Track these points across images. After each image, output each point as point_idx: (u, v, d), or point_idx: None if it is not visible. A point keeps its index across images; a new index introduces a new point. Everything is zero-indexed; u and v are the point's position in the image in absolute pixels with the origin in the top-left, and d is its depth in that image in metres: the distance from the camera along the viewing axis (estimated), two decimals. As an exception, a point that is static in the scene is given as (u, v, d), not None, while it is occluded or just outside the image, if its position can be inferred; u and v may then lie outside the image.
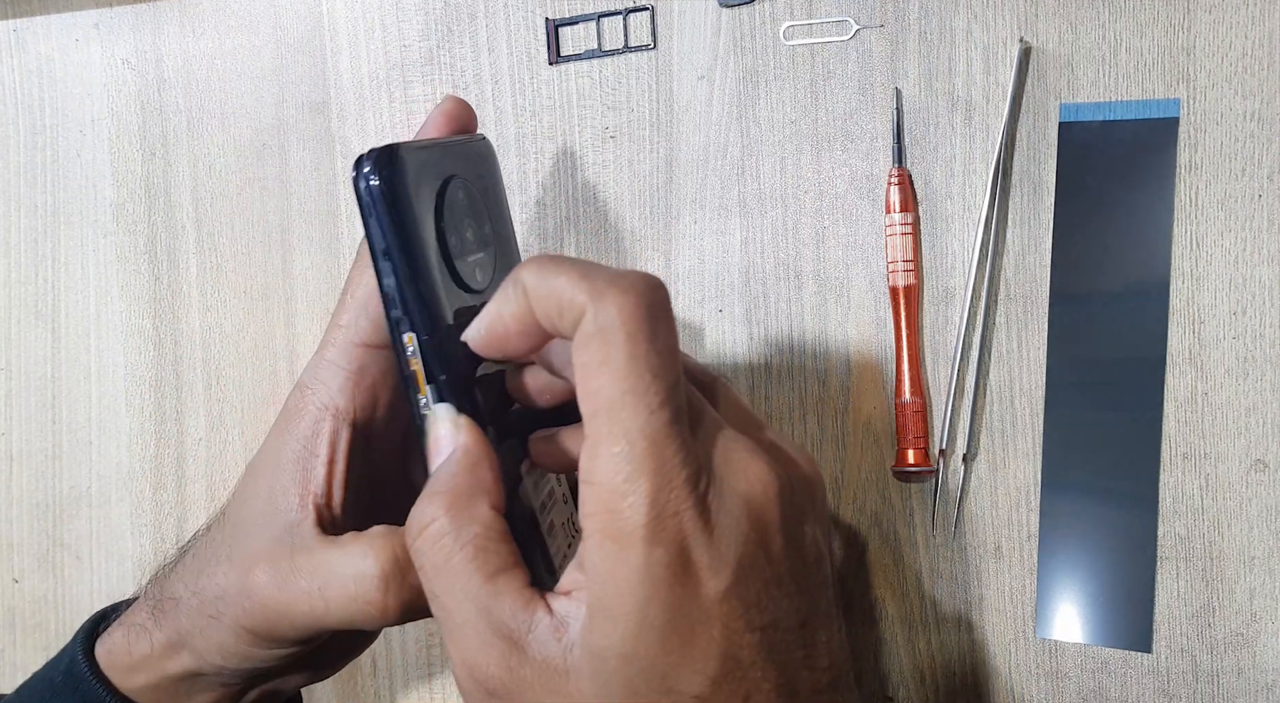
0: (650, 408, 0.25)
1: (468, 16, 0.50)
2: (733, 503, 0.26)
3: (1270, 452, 0.42)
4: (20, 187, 0.56)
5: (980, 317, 0.45)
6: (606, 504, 0.25)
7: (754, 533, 0.26)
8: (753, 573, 0.26)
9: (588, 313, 0.25)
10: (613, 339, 0.25)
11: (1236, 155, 0.42)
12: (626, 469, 0.25)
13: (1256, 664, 0.43)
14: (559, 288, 0.26)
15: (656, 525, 0.25)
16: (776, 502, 0.27)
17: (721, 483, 0.26)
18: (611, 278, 0.26)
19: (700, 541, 0.25)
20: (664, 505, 0.25)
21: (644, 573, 0.25)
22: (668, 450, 0.25)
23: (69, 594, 0.56)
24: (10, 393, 0.56)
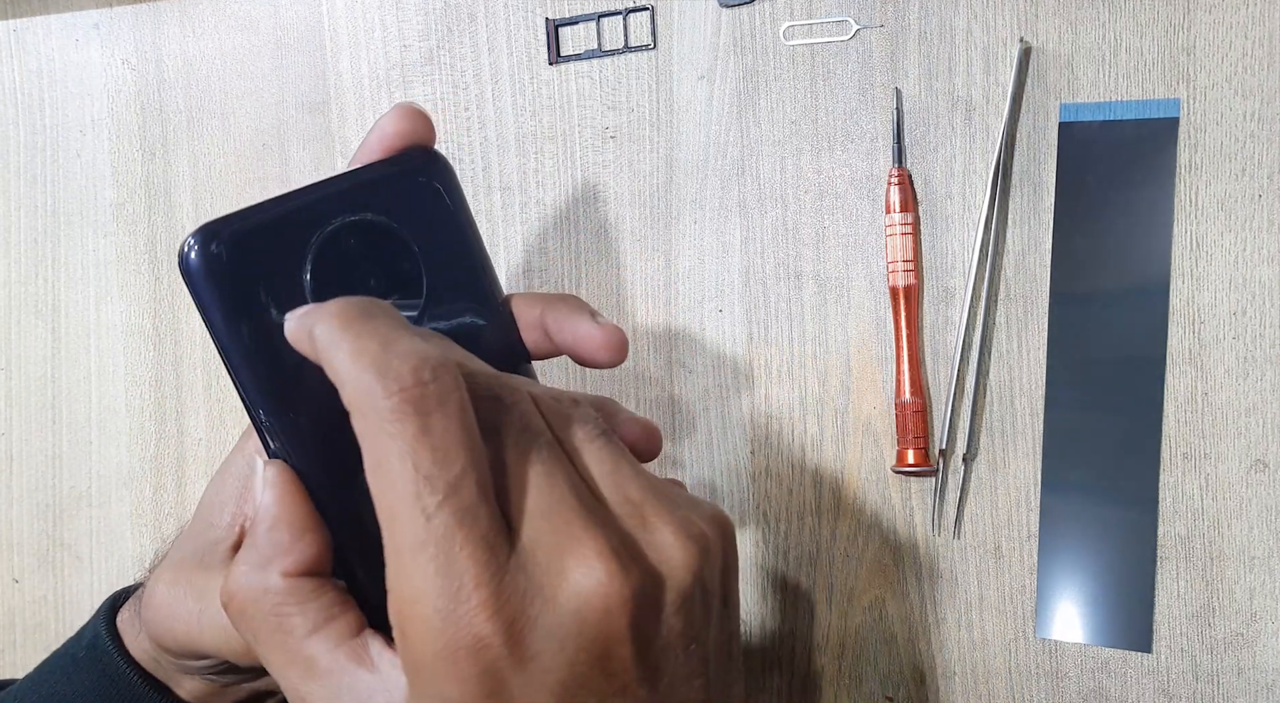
0: (426, 513, 0.22)
1: (468, 16, 0.50)
2: (557, 618, 0.23)
3: (1270, 452, 0.42)
4: (20, 187, 0.56)
5: (980, 317, 0.45)
6: (400, 627, 0.23)
7: (586, 652, 0.23)
8: (584, 693, 0.23)
9: (352, 413, 0.23)
10: (375, 438, 0.23)
11: (1236, 155, 0.42)
12: (411, 587, 0.22)
13: (1256, 664, 0.43)
14: (335, 368, 0.23)
15: (449, 657, 0.22)
16: (623, 610, 0.23)
17: (546, 589, 0.23)
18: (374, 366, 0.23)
19: (508, 669, 0.22)
20: (457, 632, 0.22)
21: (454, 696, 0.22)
22: (457, 562, 0.22)
23: (69, 594, 0.56)
24: (10, 393, 0.56)
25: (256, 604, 0.26)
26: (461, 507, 0.22)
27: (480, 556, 0.22)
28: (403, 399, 0.22)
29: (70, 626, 0.56)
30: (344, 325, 0.23)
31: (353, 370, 0.23)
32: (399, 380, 0.22)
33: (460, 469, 0.23)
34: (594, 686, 0.23)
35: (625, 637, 0.23)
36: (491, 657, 0.22)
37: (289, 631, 0.25)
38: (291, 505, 0.27)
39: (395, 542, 0.23)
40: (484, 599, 0.22)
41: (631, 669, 0.23)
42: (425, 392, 0.23)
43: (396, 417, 0.22)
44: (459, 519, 0.22)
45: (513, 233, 0.50)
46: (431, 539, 0.22)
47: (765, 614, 0.48)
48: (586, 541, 0.23)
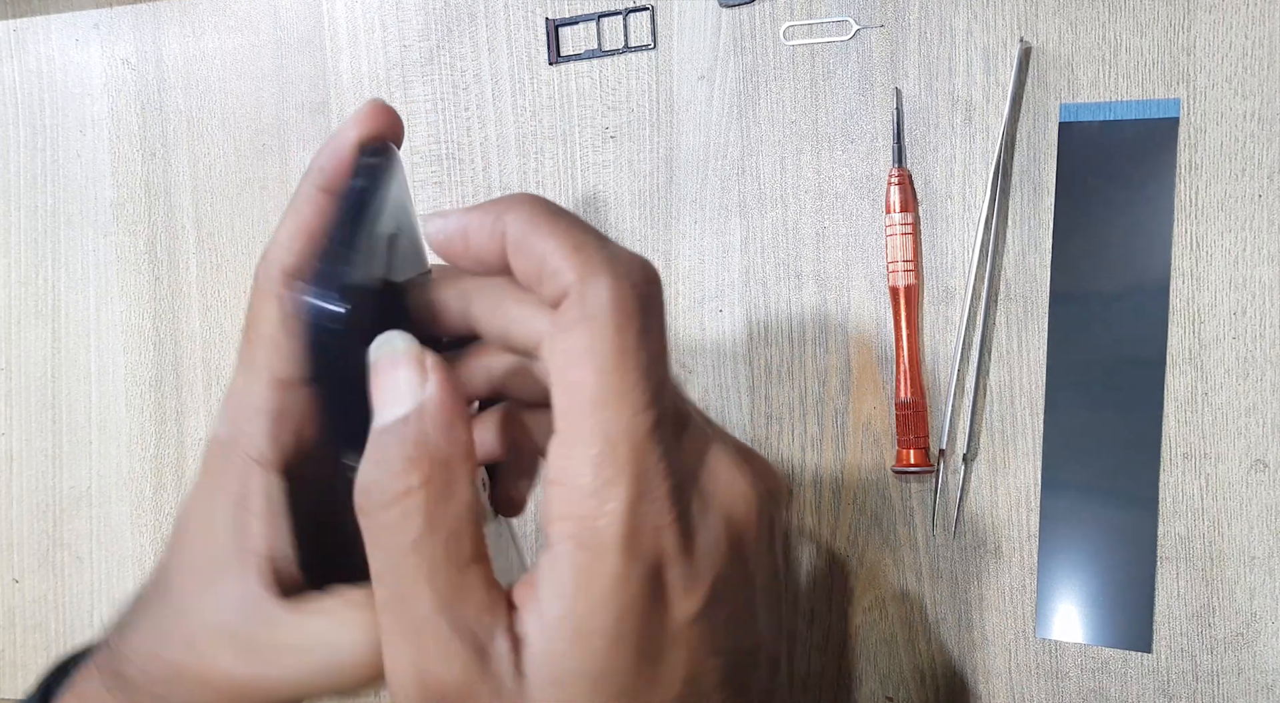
0: (635, 409, 0.23)
1: (468, 16, 0.50)
2: (714, 520, 0.25)
3: (1270, 452, 0.42)
4: (20, 186, 0.56)
5: (980, 317, 0.45)
6: (580, 510, 0.23)
7: (732, 555, 0.25)
8: (725, 597, 0.24)
9: (573, 294, 0.23)
10: (600, 329, 0.23)
11: (1236, 155, 0.42)
12: (606, 473, 0.23)
13: (1256, 664, 0.43)
14: (546, 253, 0.23)
15: (634, 538, 0.23)
16: (757, 522, 0.25)
17: (705, 498, 0.25)
18: (606, 259, 0.23)
19: (678, 559, 0.23)
20: (644, 517, 0.23)
21: (620, 588, 0.23)
22: (651, 457, 0.23)
23: (69, 594, 0.56)
24: (10, 393, 0.56)
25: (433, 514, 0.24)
26: (664, 408, 0.23)
27: (668, 455, 0.23)
28: (634, 296, 0.23)
29: (70, 626, 0.56)
30: (549, 217, 0.24)
31: (576, 259, 0.23)
32: (630, 278, 0.23)
33: (664, 374, 0.24)
34: (731, 592, 0.25)
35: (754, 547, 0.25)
36: (667, 543, 0.23)
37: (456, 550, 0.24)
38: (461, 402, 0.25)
39: (591, 429, 0.23)
40: (668, 491, 0.23)
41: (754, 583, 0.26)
42: (652, 296, 0.24)
43: (627, 313, 0.23)
44: (658, 420, 0.23)
45: (513, 233, 0.50)
46: (633, 433, 0.23)
47: (765, 614, 0.48)
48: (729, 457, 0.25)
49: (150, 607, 0.31)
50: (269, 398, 0.29)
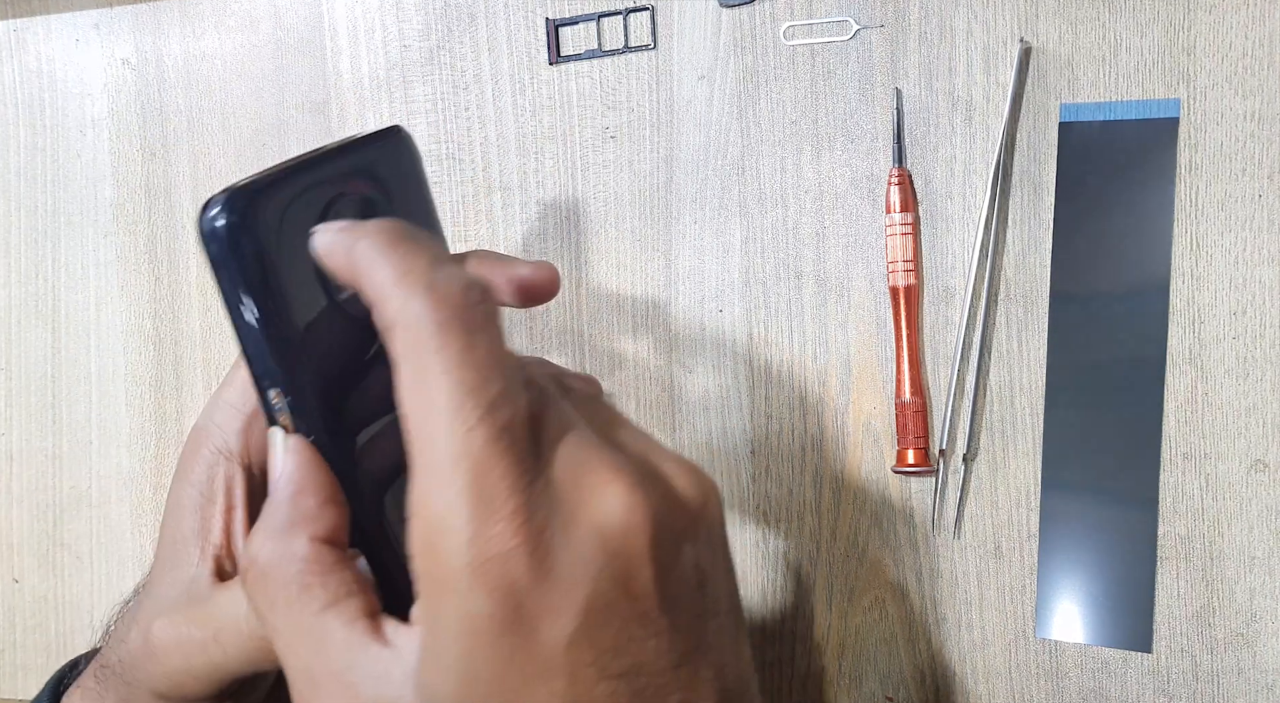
0: (466, 426, 0.22)
1: (468, 16, 0.50)
2: (581, 535, 0.23)
3: (1270, 452, 0.42)
4: (20, 187, 0.56)
5: (980, 317, 0.45)
6: (426, 541, 0.23)
7: (610, 568, 0.23)
8: (607, 615, 0.23)
9: (396, 326, 0.23)
10: (420, 354, 0.23)
11: (1236, 155, 0.42)
12: (444, 501, 0.22)
13: (1256, 664, 0.43)
14: (375, 284, 0.24)
15: (478, 568, 0.22)
16: (644, 529, 0.23)
17: (568, 512, 0.23)
18: (424, 286, 0.23)
19: (533, 585, 0.22)
20: (486, 544, 0.22)
21: (465, 623, 0.22)
22: (491, 475, 0.22)
23: (69, 594, 0.56)
24: (10, 393, 0.56)
25: (279, 569, 0.26)
26: (499, 424, 0.23)
27: (513, 471, 0.22)
28: (451, 315, 0.23)
29: (70, 626, 0.56)
30: (390, 242, 0.24)
31: (400, 286, 0.23)
32: (448, 297, 0.23)
33: (500, 389, 0.23)
34: (618, 607, 0.23)
35: (646, 557, 0.23)
36: (517, 570, 0.22)
37: (308, 601, 0.25)
38: (316, 472, 0.27)
39: (430, 456, 0.23)
40: (513, 511, 0.22)
41: (653, 594, 0.24)
42: (472, 311, 0.23)
43: (444, 331, 0.23)
44: (496, 435, 0.22)
45: (513, 233, 0.50)
46: (468, 452, 0.22)
47: (765, 614, 0.48)
48: (609, 465, 0.24)
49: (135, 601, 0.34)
50: (246, 398, 0.32)
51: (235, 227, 0.26)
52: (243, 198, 0.26)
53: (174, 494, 0.32)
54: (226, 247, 0.26)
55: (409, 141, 0.32)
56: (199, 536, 0.31)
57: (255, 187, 0.27)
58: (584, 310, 0.49)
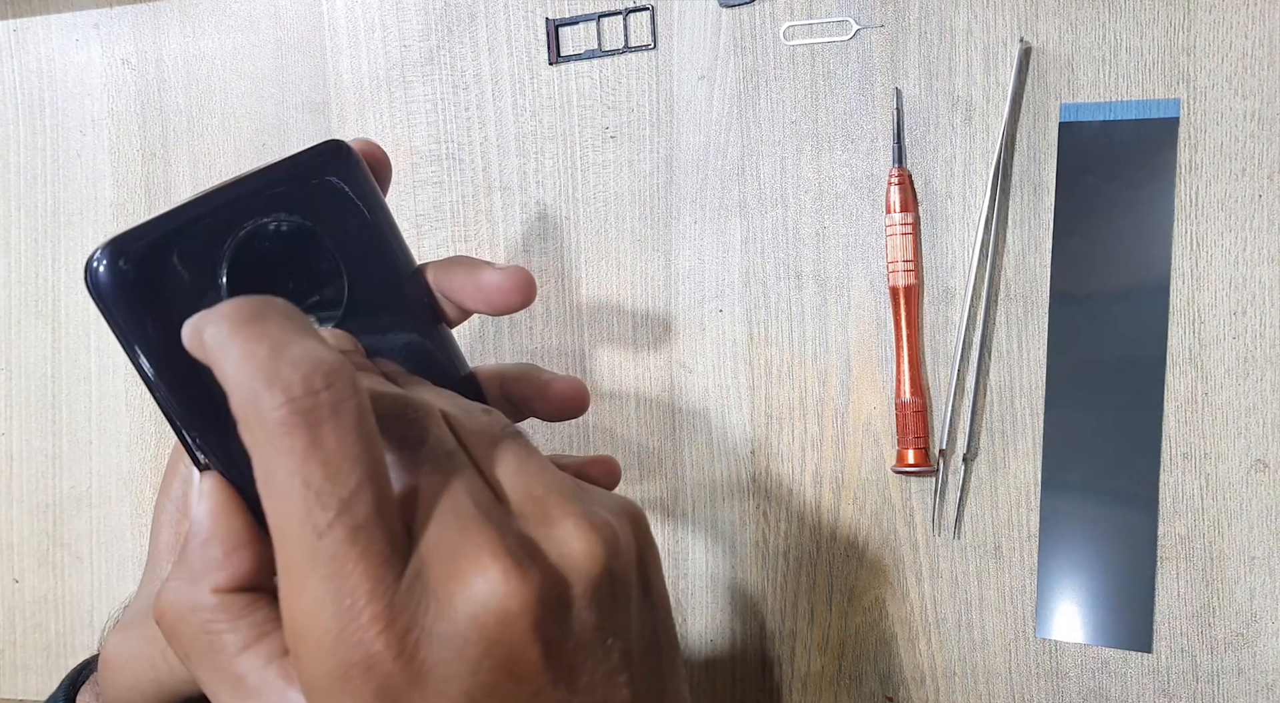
0: (317, 532, 0.21)
1: (468, 16, 0.50)
2: (455, 628, 0.22)
3: (1270, 452, 0.42)
4: (20, 187, 0.56)
5: (980, 317, 0.45)
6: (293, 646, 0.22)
7: (489, 658, 0.22)
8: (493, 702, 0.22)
9: (241, 424, 0.22)
10: (265, 454, 0.21)
11: (1236, 155, 0.42)
12: (301, 607, 0.21)
13: (1256, 664, 0.43)
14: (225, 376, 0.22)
15: (342, 676, 0.21)
16: (524, 610, 0.22)
17: (441, 603, 0.22)
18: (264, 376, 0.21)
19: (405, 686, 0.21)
20: (350, 650, 0.21)
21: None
22: (350, 581, 0.21)
23: (69, 594, 0.56)
24: (10, 393, 0.56)
25: (186, 621, 0.25)
26: (355, 524, 0.21)
27: (373, 571, 0.21)
28: (291, 409, 0.21)
29: (70, 626, 0.56)
30: (233, 328, 0.22)
31: (239, 377, 0.21)
32: (287, 389, 0.21)
33: (355, 484, 0.21)
34: (503, 693, 0.22)
35: (530, 639, 0.22)
36: (385, 673, 0.21)
37: (219, 649, 0.25)
38: (226, 518, 0.26)
39: (285, 561, 0.22)
40: (375, 614, 0.21)
41: (542, 673, 0.22)
42: (317, 401, 0.21)
43: (285, 429, 0.21)
44: (352, 537, 0.21)
45: (513, 233, 0.50)
46: (322, 558, 0.21)
47: (765, 614, 0.48)
48: (483, 545, 0.22)
49: None
50: None
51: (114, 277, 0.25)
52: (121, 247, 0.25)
53: (156, 508, 0.33)
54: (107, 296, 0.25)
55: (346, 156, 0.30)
56: (171, 550, 0.31)
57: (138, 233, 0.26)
58: (584, 310, 0.49)
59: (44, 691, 0.56)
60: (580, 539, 0.24)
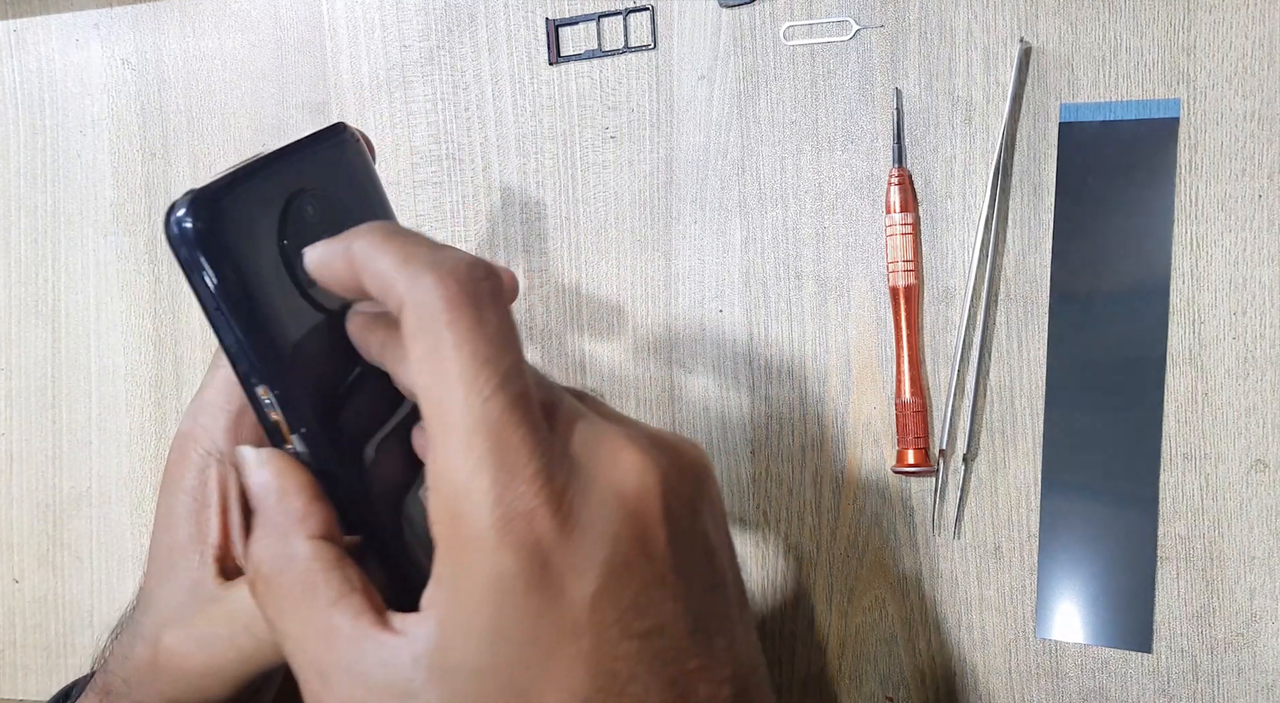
0: (483, 396, 0.23)
1: (468, 16, 0.50)
2: (600, 496, 0.24)
3: (1270, 452, 0.42)
4: (20, 186, 0.56)
5: (980, 317, 0.45)
6: (450, 509, 0.23)
7: (628, 529, 0.24)
8: (628, 574, 0.24)
9: (406, 306, 0.24)
10: (433, 330, 0.23)
11: (1237, 155, 0.42)
12: (466, 467, 0.23)
13: (1256, 664, 0.43)
14: (381, 272, 0.24)
15: (503, 527, 0.23)
16: (657, 491, 0.25)
17: (585, 474, 0.24)
18: (430, 264, 0.24)
19: (557, 542, 0.23)
20: (510, 504, 0.23)
21: (493, 582, 0.23)
22: (510, 441, 0.23)
23: (69, 594, 0.56)
24: (10, 393, 0.56)
25: (282, 573, 0.26)
26: (514, 392, 0.23)
27: (531, 437, 0.23)
28: (460, 289, 0.23)
29: (70, 626, 0.56)
30: (386, 237, 0.25)
31: (406, 270, 0.24)
32: (454, 273, 0.24)
33: (513, 359, 0.24)
34: (636, 568, 0.24)
35: (659, 519, 0.24)
36: (543, 527, 0.23)
37: (314, 598, 0.25)
38: (294, 476, 0.27)
39: (448, 427, 0.23)
40: (535, 472, 0.23)
41: (667, 557, 0.24)
42: (479, 287, 0.24)
43: (454, 306, 0.23)
44: (512, 402, 0.23)
45: (513, 233, 0.50)
46: (487, 421, 0.23)
47: (765, 614, 0.48)
48: (618, 436, 0.25)
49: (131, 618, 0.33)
50: (230, 397, 0.32)
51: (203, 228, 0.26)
52: (206, 199, 0.26)
53: (164, 504, 0.32)
54: (196, 248, 0.26)
55: (355, 139, 0.32)
56: (196, 541, 0.31)
57: (217, 187, 0.27)
58: (584, 310, 0.49)
59: (44, 691, 0.56)
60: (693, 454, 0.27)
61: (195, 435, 0.32)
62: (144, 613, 0.32)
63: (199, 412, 0.32)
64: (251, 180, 0.28)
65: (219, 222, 0.26)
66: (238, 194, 0.27)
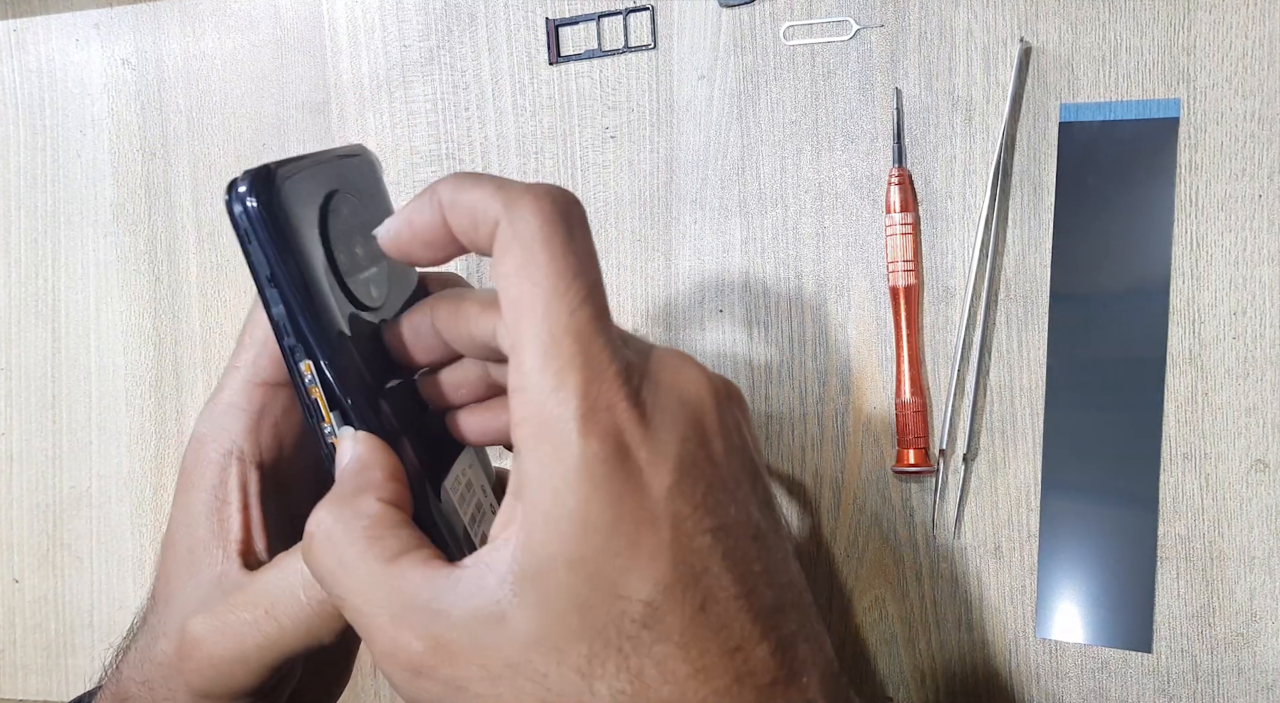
0: (571, 306, 0.25)
1: (468, 16, 0.50)
2: (668, 399, 0.26)
3: (1270, 452, 0.42)
4: (20, 187, 0.56)
5: (980, 317, 0.45)
6: (536, 407, 0.24)
7: (693, 432, 0.26)
8: (695, 472, 0.25)
9: (503, 221, 0.25)
10: (529, 244, 0.25)
11: (1236, 155, 0.42)
12: (554, 366, 0.24)
13: (1256, 664, 0.43)
14: (474, 200, 0.26)
15: (589, 417, 0.24)
16: (713, 405, 0.26)
17: (655, 380, 0.26)
18: (524, 188, 0.26)
19: (636, 433, 0.24)
20: (595, 397, 0.24)
21: (581, 467, 0.24)
22: (595, 345, 0.25)
23: (69, 594, 0.56)
24: (10, 393, 0.56)
25: (346, 528, 0.26)
26: (599, 306, 0.25)
27: (611, 344, 0.25)
28: (555, 209, 0.25)
29: (70, 626, 0.56)
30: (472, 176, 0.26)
31: (500, 194, 0.25)
32: (550, 196, 0.25)
33: (597, 277, 0.25)
34: (702, 468, 0.25)
35: (717, 430, 0.26)
36: (623, 418, 0.24)
37: (379, 551, 0.26)
38: (382, 454, 0.28)
39: (537, 332, 0.25)
40: (616, 372, 0.25)
41: (726, 462, 0.26)
42: (571, 209, 0.26)
43: (551, 223, 0.25)
44: (597, 316, 0.25)
45: (513, 233, 0.50)
46: (574, 326, 0.24)
47: (765, 614, 0.48)
48: (677, 355, 0.27)
49: (144, 622, 0.33)
50: (250, 398, 0.32)
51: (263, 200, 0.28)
52: (266, 175, 0.28)
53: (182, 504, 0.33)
54: (256, 219, 0.28)
55: (374, 159, 0.33)
56: (219, 537, 0.32)
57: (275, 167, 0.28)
58: (584, 310, 0.49)
59: (44, 691, 0.56)
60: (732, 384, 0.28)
61: (214, 436, 0.32)
62: (163, 612, 0.32)
63: (217, 413, 0.33)
64: (300, 170, 0.29)
65: (276, 197, 0.28)
66: (293, 178, 0.29)
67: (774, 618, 0.26)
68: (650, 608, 0.24)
